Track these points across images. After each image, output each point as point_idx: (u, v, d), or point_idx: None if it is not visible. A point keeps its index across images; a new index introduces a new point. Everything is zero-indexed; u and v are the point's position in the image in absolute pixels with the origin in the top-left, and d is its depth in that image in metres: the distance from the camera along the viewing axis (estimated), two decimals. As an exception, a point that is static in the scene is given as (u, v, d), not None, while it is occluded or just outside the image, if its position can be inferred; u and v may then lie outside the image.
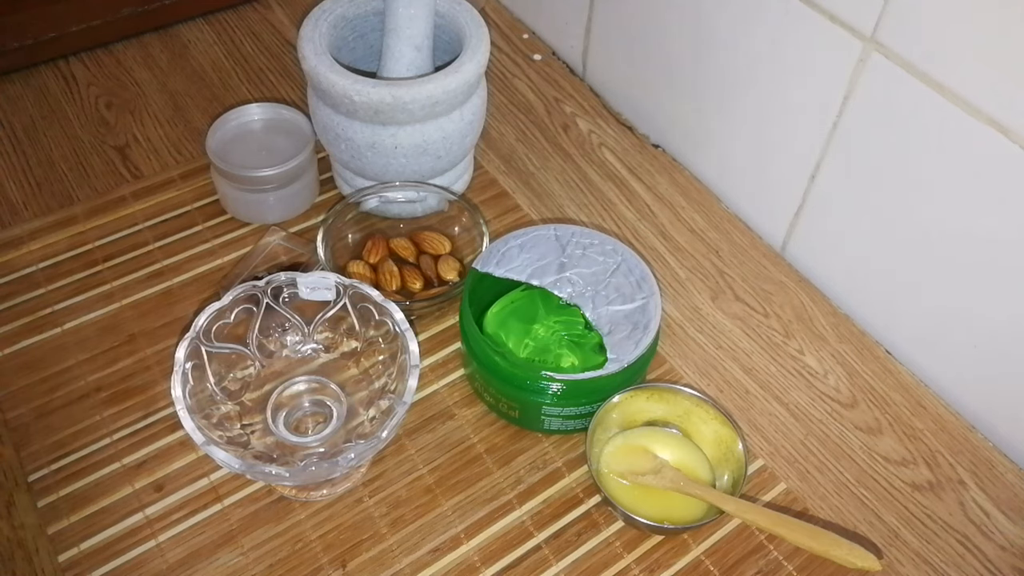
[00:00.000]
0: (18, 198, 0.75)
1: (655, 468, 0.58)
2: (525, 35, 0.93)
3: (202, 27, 0.92)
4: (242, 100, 0.84)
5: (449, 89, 0.64)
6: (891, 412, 0.64)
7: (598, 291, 0.61)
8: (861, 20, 0.60)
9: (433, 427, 0.62)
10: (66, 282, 0.69)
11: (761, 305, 0.71)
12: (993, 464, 0.62)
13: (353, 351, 0.62)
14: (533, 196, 0.78)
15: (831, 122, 0.66)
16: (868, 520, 0.59)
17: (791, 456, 0.62)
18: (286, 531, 0.57)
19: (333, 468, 0.51)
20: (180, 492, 0.58)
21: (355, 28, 0.72)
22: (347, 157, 0.68)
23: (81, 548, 0.56)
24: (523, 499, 0.59)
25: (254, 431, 0.58)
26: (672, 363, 0.67)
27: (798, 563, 0.57)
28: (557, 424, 0.60)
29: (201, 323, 0.56)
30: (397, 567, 0.56)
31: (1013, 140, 0.54)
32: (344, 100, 0.64)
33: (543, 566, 0.56)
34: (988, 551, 0.58)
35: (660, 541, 0.58)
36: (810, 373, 0.67)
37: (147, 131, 0.81)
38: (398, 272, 0.68)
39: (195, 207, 0.75)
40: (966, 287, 0.62)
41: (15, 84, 0.85)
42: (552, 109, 0.86)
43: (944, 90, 0.57)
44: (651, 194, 0.78)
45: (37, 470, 0.59)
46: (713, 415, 0.59)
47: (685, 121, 0.80)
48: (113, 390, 0.63)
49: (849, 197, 0.67)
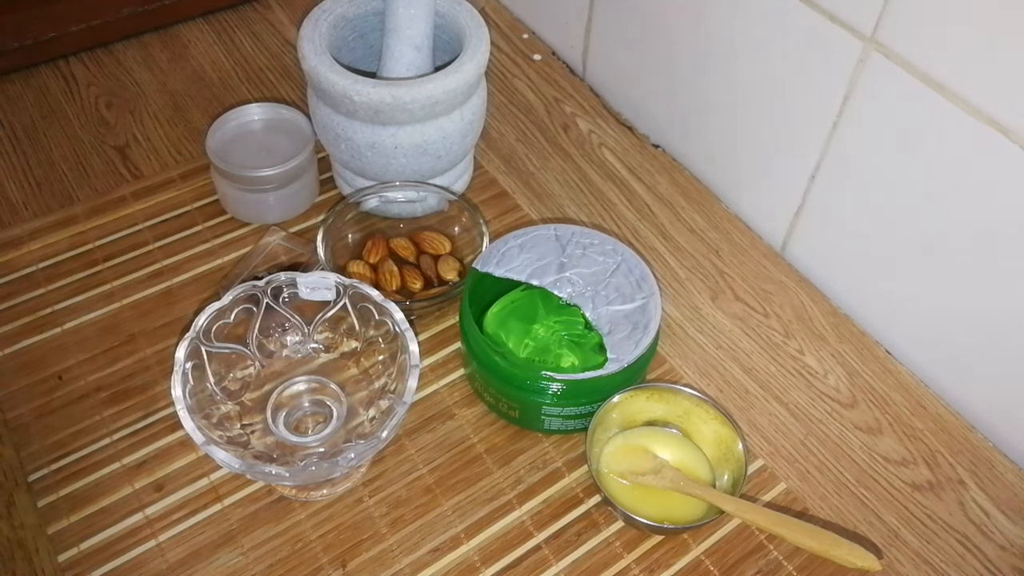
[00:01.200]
0: (18, 198, 0.75)
1: (655, 468, 0.58)
2: (525, 35, 0.93)
3: (202, 27, 0.92)
4: (242, 100, 0.84)
5: (449, 89, 0.64)
6: (891, 412, 0.64)
7: (598, 291, 0.61)
8: (861, 20, 0.60)
9: (433, 427, 0.62)
10: (66, 282, 0.69)
11: (761, 305, 0.71)
12: (993, 464, 0.62)
13: (353, 351, 0.62)
14: (533, 196, 0.78)
15: (831, 122, 0.66)
16: (868, 520, 0.59)
17: (791, 456, 0.62)
18: (286, 531, 0.57)
19: (333, 468, 0.51)
20: (180, 492, 0.58)
21: (355, 28, 0.72)
22: (347, 157, 0.68)
23: (81, 548, 0.56)
24: (523, 499, 0.59)
25: (254, 431, 0.58)
26: (672, 363, 0.67)
27: (798, 563, 0.57)
28: (557, 424, 0.60)
29: (201, 323, 0.56)
30: (397, 567, 0.56)
31: (1013, 140, 0.54)
32: (344, 100, 0.64)
33: (543, 566, 0.56)
34: (988, 551, 0.58)
35: (660, 541, 0.58)
36: (810, 373, 0.67)
37: (147, 131, 0.81)
38: (398, 272, 0.68)
39: (195, 207, 0.75)
40: (966, 287, 0.62)
41: (15, 84, 0.85)
42: (552, 109, 0.86)
43: (944, 90, 0.57)
44: (651, 194, 0.78)
45: (37, 470, 0.59)
46: (713, 415, 0.59)
47: (685, 121, 0.80)
48: (113, 390, 0.63)
49: (849, 197, 0.67)
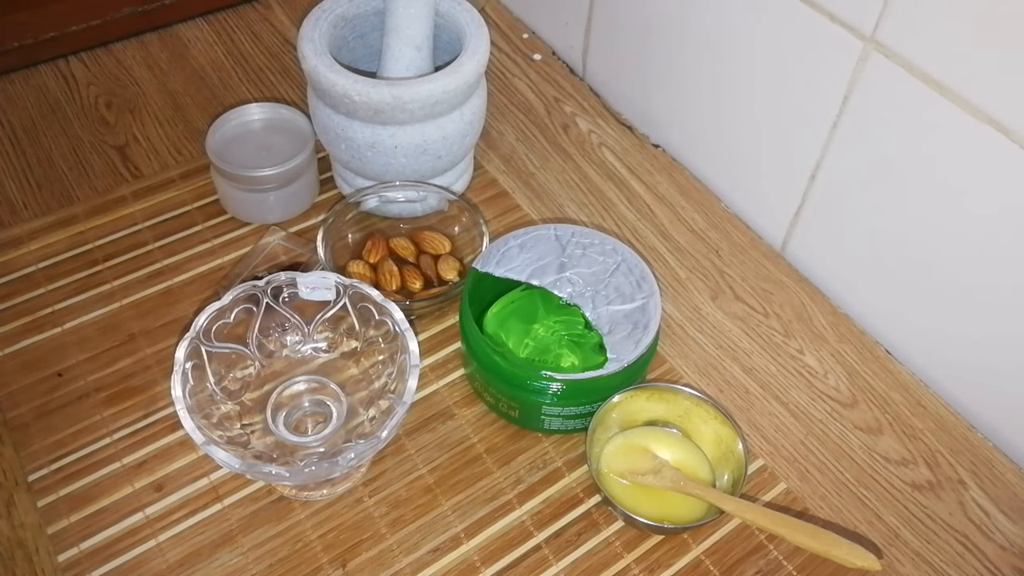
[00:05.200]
0: (18, 198, 0.75)
1: (655, 468, 0.58)
2: (525, 35, 0.93)
3: (202, 27, 0.92)
4: (242, 100, 0.84)
5: (449, 89, 0.64)
6: (891, 412, 0.64)
7: (598, 291, 0.61)
8: (861, 20, 0.60)
9: (433, 427, 0.62)
10: (66, 282, 0.69)
11: (761, 305, 0.71)
12: (993, 464, 0.62)
13: (353, 351, 0.62)
14: (533, 196, 0.78)
15: (831, 122, 0.66)
16: (868, 520, 0.59)
17: (791, 456, 0.62)
18: (286, 531, 0.57)
19: (333, 468, 0.51)
20: (180, 492, 0.58)
21: (355, 28, 0.72)
22: (347, 157, 0.68)
23: (81, 548, 0.56)
24: (523, 499, 0.59)
25: (254, 431, 0.58)
26: (672, 363, 0.67)
27: (798, 563, 0.57)
28: (557, 424, 0.60)
29: (201, 323, 0.56)
30: (397, 567, 0.56)
31: (1013, 140, 0.54)
32: (344, 100, 0.64)
33: (543, 566, 0.56)
34: (988, 551, 0.58)
35: (660, 541, 0.58)
36: (810, 373, 0.67)
37: (147, 131, 0.81)
38: (398, 272, 0.68)
39: (195, 207, 0.75)
40: (966, 287, 0.62)
41: (15, 84, 0.85)
42: (552, 109, 0.86)
43: (944, 90, 0.57)
44: (651, 194, 0.78)
45: (37, 470, 0.59)
46: (713, 415, 0.59)
47: (685, 121, 0.80)
48: (113, 390, 0.63)
49: (849, 197, 0.67)
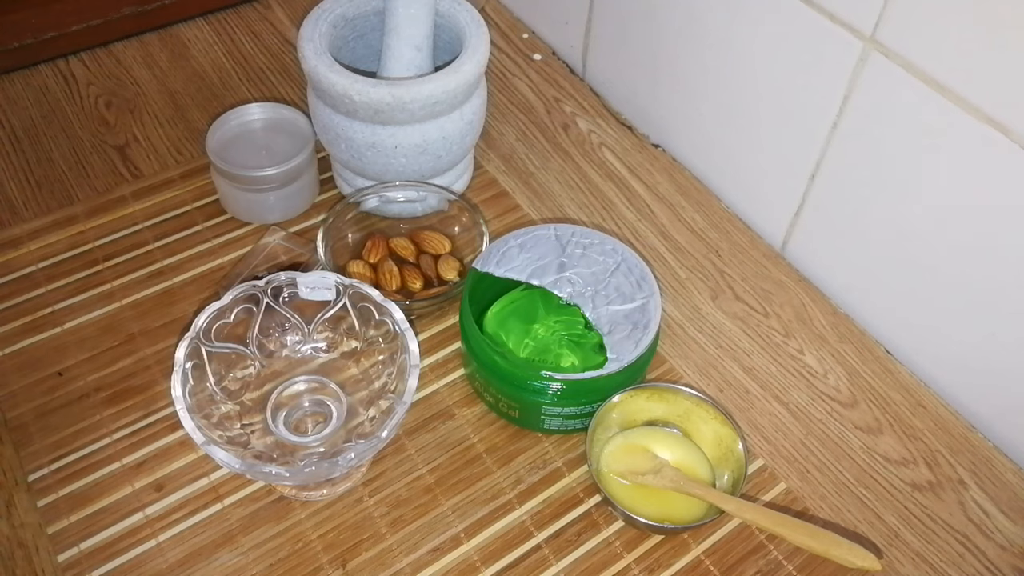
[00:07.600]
0: (18, 198, 0.75)
1: (655, 468, 0.58)
2: (525, 35, 0.93)
3: (202, 27, 0.92)
4: (242, 100, 0.84)
5: (449, 89, 0.64)
6: (891, 412, 0.64)
7: (598, 291, 0.61)
8: (861, 20, 0.60)
9: (433, 427, 0.62)
10: (66, 282, 0.69)
11: (761, 305, 0.71)
12: (993, 464, 0.62)
13: (353, 351, 0.62)
14: (533, 196, 0.78)
15: (831, 122, 0.66)
16: (868, 520, 0.59)
17: (791, 456, 0.62)
18: (286, 531, 0.57)
19: (333, 468, 0.51)
20: (180, 492, 0.58)
21: (355, 28, 0.72)
22: (347, 157, 0.68)
23: (81, 548, 0.56)
24: (523, 499, 0.59)
25: (254, 431, 0.58)
26: (672, 363, 0.67)
27: (798, 563, 0.57)
28: (557, 424, 0.60)
29: (201, 323, 0.56)
30: (397, 567, 0.56)
31: (1013, 140, 0.54)
32: (344, 100, 0.64)
33: (543, 566, 0.56)
34: (988, 551, 0.58)
35: (660, 541, 0.58)
36: (810, 373, 0.67)
37: (147, 131, 0.81)
38: (398, 272, 0.68)
39: (195, 207, 0.75)
40: (966, 286, 0.62)
41: (15, 84, 0.85)
42: (552, 109, 0.86)
43: (944, 90, 0.57)
44: (651, 194, 0.78)
45: (37, 470, 0.59)
46: (713, 415, 0.59)
47: (685, 121, 0.80)
48: (113, 390, 0.63)
49: (849, 197, 0.67)
